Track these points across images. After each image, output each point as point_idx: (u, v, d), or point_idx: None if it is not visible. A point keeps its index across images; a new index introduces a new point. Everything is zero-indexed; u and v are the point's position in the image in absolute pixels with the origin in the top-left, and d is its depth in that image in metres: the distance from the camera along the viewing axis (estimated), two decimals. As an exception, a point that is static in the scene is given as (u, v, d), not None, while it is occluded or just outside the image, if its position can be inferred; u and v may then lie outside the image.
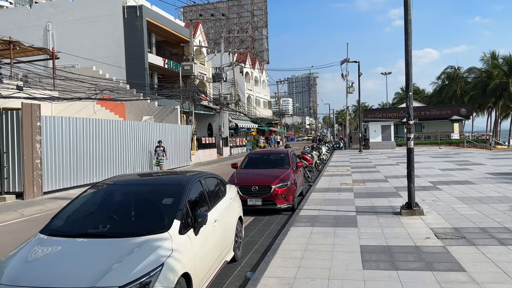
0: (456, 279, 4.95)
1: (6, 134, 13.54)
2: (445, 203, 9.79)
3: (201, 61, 40.55)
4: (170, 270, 3.70)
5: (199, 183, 5.47)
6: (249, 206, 9.82)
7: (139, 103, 27.90)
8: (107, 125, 17.71)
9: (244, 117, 50.09)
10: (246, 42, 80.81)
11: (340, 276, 5.20)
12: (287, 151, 12.71)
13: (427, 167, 18.90)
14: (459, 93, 57.72)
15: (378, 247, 6.39)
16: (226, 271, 5.89)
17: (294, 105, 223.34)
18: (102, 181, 5.58)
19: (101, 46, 31.25)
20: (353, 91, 44.10)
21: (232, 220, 6.18)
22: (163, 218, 4.43)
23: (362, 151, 34.80)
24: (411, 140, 8.83)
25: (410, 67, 8.75)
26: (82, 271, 3.56)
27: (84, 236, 4.25)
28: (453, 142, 43.37)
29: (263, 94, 74.12)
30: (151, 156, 20.65)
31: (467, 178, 14.26)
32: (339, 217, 8.80)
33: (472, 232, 7.08)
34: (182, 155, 25.42)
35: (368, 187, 13.29)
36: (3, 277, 3.57)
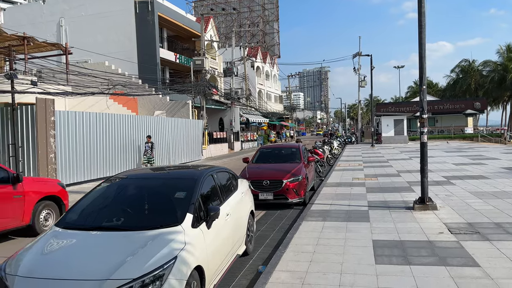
0: (470, 274, 4.91)
1: (21, 128, 13.75)
2: (459, 198, 9.68)
3: (212, 56, 40.58)
4: (183, 263, 3.73)
5: (211, 177, 5.49)
6: (260, 200, 9.83)
7: (151, 98, 28.06)
8: (120, 120, 17.86)
9: (255, 112, 50.06)
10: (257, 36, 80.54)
11: (352, 270, 5.19)
12: (299, 146, 12.68)
13: (441, 161, 18.68)
14: (473, 87, 56.84)
15: (391, 242, 6.35)
16: (238, 264, 5.92)
17: (306, 99, 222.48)
18: (115, 175, 5.64)
19: (113, 41, 31.46)
20: (365, 85, 43.74)
21: (244, 214, 6.19)
22: (175, 211, 4.47)
23: (374, 145, 34.54)
24: (425, 134, 8.73)
25: (424, 60, 8.63)
26: (96, 263, 3.61)
27: (98, 229, 4.30)
28: (466, 137, 42.79)
29: (274, 89, 73.95)
30: (163, 150, 20.78)
31: (481, 173, 14.07)
32: (351, 211, 8.77)
33: (487, 227, 6.99)
34: (193, 150, 25.54)
35: (380, 181, 13.21)
36: (20, 269, 3.64)
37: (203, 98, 30.36)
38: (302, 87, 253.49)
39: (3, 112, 13.98)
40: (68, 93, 18.03)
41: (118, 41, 31.52)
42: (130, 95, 23.38)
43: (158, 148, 20.86)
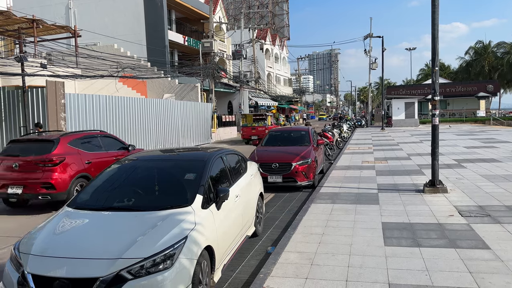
0: (480, 256, 4.89)
1: (32, 111, 13.87)
2: (470, 181, 9.61)
3: (220, 38, 40.26)
4: (193, 243, 3.76)
5: (220, 159, 5.50)
6: (269, 183, 9.86)
7: (160, 81, 28.05)
8: (129, 103, 17.91)
9: (264, 95, 49.87)
10: (267, 17, 79.57)
11: (361, 252, 5.20)
12: (308, 129, 12.62)
13: (452, 144, 18.50)
14: (487, 69, 55.78)
15: (400, 224, 6.34)
16: (248, 245, 5.97)
17: (315, 82, 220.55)
18: (125, 157, 5.68)
19: (122, 24, 31.34)
20: (376, 67, 43.23)
21: (253, 196, 6.22)
22: (186, 192, 4.50)
23: (384, 128, 34.27)
24: (436, 117, 8.61)
25: (437, 41, 8.46)
26: (108, 243, 3.67)
27: (109, 209, 4.35)
28: (478, 120, 42.19)
29: (283, 71, 73.39)
30: (172, 133, 20.85)
31: (492, 156, 13.91)
32: (360, 194, 8.75)
33: (498, 210, 6.94)
34: (202, 133, 25.59)
35: (390, 165, 13.14)
36: (33, 248, 3.71)
37: (212, 81, 30.26)
38: (312, 70, 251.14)
39: (14, 94, 14.10)
40: (78, 76, 18.08)
41: (127, 23, 31.39)
42: (139, 78, 23.39)
43: (166, 131, 20.93)
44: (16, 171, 8.58)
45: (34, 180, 8.37)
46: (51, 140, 8.97)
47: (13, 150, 9.06)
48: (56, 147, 8.77)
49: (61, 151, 8.77)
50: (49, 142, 8.93)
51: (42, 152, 8.66)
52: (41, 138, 9.43)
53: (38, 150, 8.78)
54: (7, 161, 8.75)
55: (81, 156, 9.13)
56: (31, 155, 8.65)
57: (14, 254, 3.78)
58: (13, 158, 8.75)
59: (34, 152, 8.75)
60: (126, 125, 17.49)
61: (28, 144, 9.26)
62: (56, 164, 8.51)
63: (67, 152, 8.86)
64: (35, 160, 8.54)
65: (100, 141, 10.10)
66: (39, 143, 9.13)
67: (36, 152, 8.71)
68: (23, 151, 8.92)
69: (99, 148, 9.88)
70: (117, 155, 9.94)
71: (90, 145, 9.67)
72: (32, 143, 9.26)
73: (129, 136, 17.67)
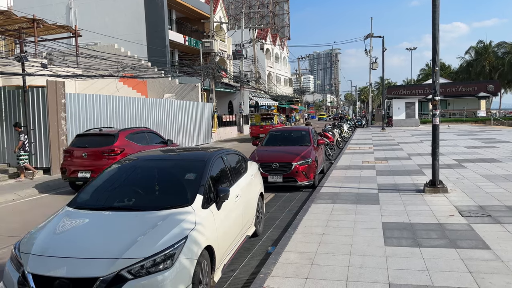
0: (481, 256, 4.89)
1: (33, 111, 13.87)
2: (470, 181, 9.60)
3: (221, 38, 40.26)
4: (194, 243, 3.76)
5: (221, 159, 5.50)
6: (270, 183, 9.86)
7: (161, 81, 28.05)
8: (130, 103, 17.92)
9: (265, 95, 49.85)
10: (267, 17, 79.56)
11: (362, 252, 5.20)
12: (308, 129, 12.62)
13: (452, 144, 18.50)
14: (487, 69, 55.72)
15: (401, 224, 6.34)
16: (248, 245, 5.97)
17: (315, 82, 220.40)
18: (126, 157, 5.68)
19: (122, 24, 31.33)
20: (377, 67, 43.22)
21: (253, 196, 6.22)
22: (186, 192, 4.50)
23: (385, 128, 34.25)
24: (437, 117, 8.61)
25: (437, 41, 8.45)
26: (108, 242, 3.67)
27: (110, 209, 4.35)
28: (479, 120, 42.16)
29: (284, 71, 73.36)
30: (172, 133, 20.85)
31: (493, 156, 13.90)
32: (360, 194, 8.75)
33: (498, 210, 6.93)
34: (203, 133, 25.60)
35: (390, 165, 13.13)
36: (33, 247, 3.71)
37: (212, 81, 30.26)
38: (312, 69, 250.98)
39: (14, 94, 14.10)
40: (78, 75, 18.08)
41: (127, 23, 31.38)
42: (140, 78, 23.40)
43: (167, 131, 20.93)
44: (85, 159, 10.59)
45: (101, 166, 9.75)
46: (112, 134, 10.99)
47: (80, 143, 11.06)
48: (117, 140, 10.79)
49: (120, 143, 10.79)
50: (111, 136, 10.93)
51: (106, 144, 10.68)
52: (104, 133, 11.32)
53: (102, 142, 10.77)
54: (77, 151, 10.78)
55: (134, 147, 10.80)
56: (97, 147, 10.65)
57: (15, 253, 3.78)
58: (81, 149, 10.79)
59: (99, 144, 10.74)
60: (126, 124, 17.47)
61: (92, 137, 11.17)
62: (118, 154, 10.44)
63: (125, 144, 10.84)
64: (101, 150, 10.54)
65: (146, 136, 12.12)
66: (102, 137, 11.06)
67: (100, 144, 10.71)
68: (90, 143, 10.90)
69: (146, 141, 11.79)
70: (158, 147, 11.50)
71: (139, 139, 11.65)
72: (96, 137, 11.17)
73: (129, 136, 17.66)
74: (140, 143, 11.41)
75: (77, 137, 11.49)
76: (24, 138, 12.80)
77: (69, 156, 10.97)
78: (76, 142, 11.23)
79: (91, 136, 11.30)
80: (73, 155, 10.83)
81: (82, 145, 10.95)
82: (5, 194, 10.52)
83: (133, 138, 11.36)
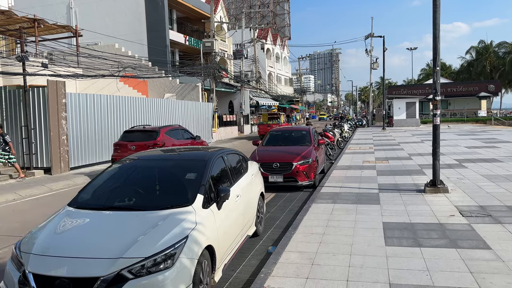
0: (481, 256, 4.89)
1: (34, 111, 13.88)
2: (471, 181, 9.60)
3: (222, 38, 40.26)
4: (194, 242, 3.77)
5: (221, 159, 5.50)
6: (270, 183, 9.86)
7: (161, 81, 28.05)
8: (130, 102, 17.93)
9: (265, 95, 49.84)
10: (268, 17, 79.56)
11: (362, 252, 5.20)
12: (309, 129, 12.61)
13: (453, 144, 18.49)
14: (488, 69, 55.66)
15: (401, 224, 6.34)
16: (248, 245, 5.97)
17: (316, 82, 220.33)
18: (126, 157, 5.68)
19: (123, 23, 31.35)
20: (377, 67, 43.20)
21: (254, 195, 6.21)
22: (186, 192, 4.50)
23: (385, 128, 34.24)
24: (437, 117, 8.61)
25: (438, 41, 8.44)
26: (108, 242, 3.67)
27: (110, 209, 4.35)
28: (479, 120, 42.13)
29: (284, 71, 73.34)
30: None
31: (494, 156, 13.90)
32: (361, 194, 8.75)
33: (499, 210, 6.93)
34: (203, 132, 25.58)
35: (391, 164, 13.13)
36: (34, 247, 3.71)
37: (213, 81, 30.26)
38: (313, 69, 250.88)
39: (15, 94, 14.11)
40: (79, 75, 18.09)
41: (128, 23, 31.39)
42: (140, 78, 23.41)
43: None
44: (133, 151, 11.53)
45: None
46: (155, 130, 13.01)
47: (128, 138, 13.00)
48: (159, 135, 12.77)
49: (161, 138, 12.71)
50: (154, 132, 12.92)
51: (150, 138, 12.64)
52: (147, 129, 13.32)
53: (147, 137, 12.74)
54: (126, 145, 12.70)
55: (171, 141, 12.88)
56: (143, 141, 12.55)
57: (15, 253, 3.79)
58: (129, 142, 12.73)
59: (144, 138, 12.72)
60: (127, 124, 17.48)
61: (138, 133, 13.14)
62: (160, 147, 12.07)
63: (165, 139, 12.78)
64: (147, 143, 12.32)
65: (180, 132, 14.11)
66: (146, 132, 13.04)
67: (145, 139, 12.66)
68: (136, 138, 12.88)
69: (179, 136, 13.80)
70: (189, 142, 14.04)
71: (175, 134, 13.63)
72: (141, 132, 13.13)
73: (130, 136, 17.67)
74: (176, 138, 13.39)
75: (124, 133, 13.40)
76: (9, 138, 12.73)
77: (119, 148, 12.82)
78: (124, 137, 13.15)
79: (137, 132, 13.23)
80: (122, 148, 12.65)
81: (130, 139, 12.90)
82: (6, 194, 10.53)
83: (170, 134, 13.32)
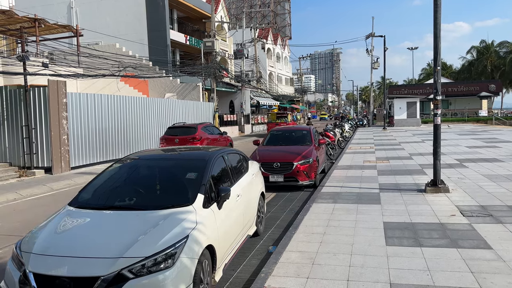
0: (482, 256, 4.88)
1: (34, 110, 13.89)
2: (472, 181, 9.58)
3: (222, 38, 40.25)
4: (195, 242, 3.76)
5: (222, 158, 5.50)
6: (271, 182, 9.86)
7: (162, 80, 28.05)
8: (131, 102, 17.93)
9: (266, 94, 49.81)
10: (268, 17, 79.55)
11: (363, 251, 5.19)
12: (309, 128, 12.61)
13: (454, 144, 18.47)
14: (489, 69, 55.59)
15: (402, 224, 6.33)
16: (249, 245, 5.97)
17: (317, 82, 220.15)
18: (127, 156, 5.68)
19: (124, 23, 31.34)
20: (378, 67, 43.18)
21: (254, 195, 6.21)
22: (187, 192, 4.49)
23: (386, 128, 34.22)
24: (438, 116, 8.60)
25: (439, 40, 8.43)
26: (109, 241, 3.67)
27: (111, 208, 4.35)
28: (480, 119, 42.09)
29: (285, 71, 73.31)
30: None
31: (494, 156, 13.88)
32: (362, 194, 8.74)
33: (499, 210, 6.92)
34: (204, 132, 25.59)
35: (392, 164, 13.12)
36: (35, 247, 3.71)
37: (214, 81, 30.24)
38: (314, 69, 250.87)
39: (16, 94, 14.12)
40: (80, 75, 18.09)
41: (129, 22, 31.39)
42: (141, 77, 23.40)
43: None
44: (177, 144, 14.90)
45: None
46: (194, 127, 15.92)
47: (171, 132, 15.92)
48: (197, 131, 15.57)
49: (199, 133, 15.52)
50: (193, 128, 15.80)
51: (190, 133, 15.45)
52: (187, 125, 16.40)
53: (187, 132, 15.59)
54: (171, 138, 15.49)
55: (206, 136, 15.84)
56: (185, 135, 15.36)
57: (16, 253, 3.79)
58: (174, 136, 15.52)
59: (185, 133, 15.50)
60: (127, 124, 17.50)
61: (180, 129, 15.97)
62: (198, 140, 15.25)
63: (202, 134, 15.64)
64: (188, 137, 15.19)
65: (211, 128, 17.12)
66: (187, 128, 15.94)
67: (186, 133, 15.48)
68: (179, 133, 15.64)
69: (211, 132, 16.72)
70: (219, 137, 17.06)
71: (208, 130, 16.53)
72: (183, 128, 16.02)
73: (130, 135, 17.69)
74: (208, 132, 16.21)
75: (168, 129, 16.41)
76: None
77: (165, 141, 15.49)
78: (169, 132, 16.07)
79: (179, 128, 16.11)
80: (167, 141, 15.38)
81: (174, 134, 15.66)
82: (7, 193, 10.54)
83: (204, 129, 16.07)
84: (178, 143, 14.85)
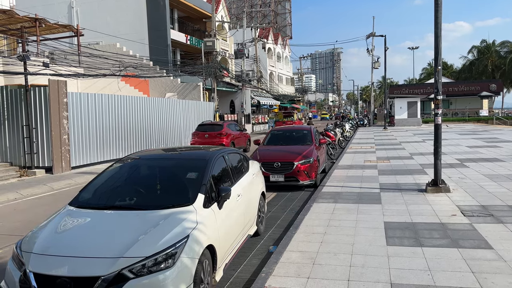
0: (483, 256, 4.87)
1: (35, 110, 13.89)
2: (472, 181, 9.57)
3: (223, 37, 40.24)
4: (195, 242, 3.76)
5: (222, 158, 5.49)
6: (271, 182, 9.85)
7: (162, 80, 28.05)
8: (132, 102, 17.92)
9: (266, 94, 49.78)
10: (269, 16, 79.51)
11: (364, 251, 5.19)
12: (310, 128, 12.60)
13: (454, 144, 18.45)
14: (490, 68, 55.53)
15: (403, 224, 6.33)
16: (250, 244, 5.96)
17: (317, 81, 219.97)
18: (127, 156, 5.67)
19: (124, 23, 31.34)
20: (379, 67, 43.11)
21: (255, 195, 6.21)
22: (187, 192, 4.49)
23: (387, 128, 34.21)
24: (439, 116, 8.58)
25: (440, 40, 8.42)
26: (109, 241, 3.66)
27: (111, 208, 4.34)
28: (481, 119, 42.06)
29: (286, 71, 73.28)
30: (174, 132, 20.89)
31: (495, 156, 13.86)
32: (362, 193, 8.74)
33: (500, 209, 6.91)
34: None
35: (392, 164, 13.11)
36: (35, 246, 3.71)
37: (214, 80, 30.23)
38: (314, 69, 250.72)
39: (16, 93, 14.12)
40: (80, 74, 18.10)
41: (129, 22, 31.39)
42: (142, 77, 23.39)
43: (169, 130, 20.96)
44: (206, 139, 17.88)
45: (216, 142, 17.33)
46: (220, 124, 18.97)
47: (201, 129, 18.80)
48: (223, 128, 18.40)
49: (225, 129, 18.34)
50: (219, 125, 18.85)
51: (217, 129, 18.34)
52: (214, 123, 19.80)
53: (215, 128, 18.50)
54: (201, 134, 18.32)
55: (231, 132, 18.72)
56: (213, 131, 18.24)
57: (16, 252, 3.78)
58: (204, 132, 18.38)
59: (213, 129, 18.40)
60: (128, 123, 17.49)
61: (208, 126, 18.97)
62: (225, 136, 18.05)
63: (227, 130, 18.49)
64: (216, 133, 18.06)
65: (234, 125, 19.95)
66: (214, 125, 19.02)
67: (214, 130, 18.37)
68: (208, 129, 18.54)
69: (234, 128, 19.55)
70: (240, 133, 20.01)
71: (232, 127, 19.37)
72: (211, 125, 19.06)
73: (131, 135, 17.69)
74: (231, 129, 19.01)
75: (199, 126, 19.23)
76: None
77: (197, 136, 18.39)
78: (199, 128, 18.91)
79: (208, 125, 19.12)
80: (198, 136, 18.31)
81: (203, 130, 18.53)
82: (7, 193, 10.54)
83: (229, 126, 18.96)
84: (208, 138, 17.72)
